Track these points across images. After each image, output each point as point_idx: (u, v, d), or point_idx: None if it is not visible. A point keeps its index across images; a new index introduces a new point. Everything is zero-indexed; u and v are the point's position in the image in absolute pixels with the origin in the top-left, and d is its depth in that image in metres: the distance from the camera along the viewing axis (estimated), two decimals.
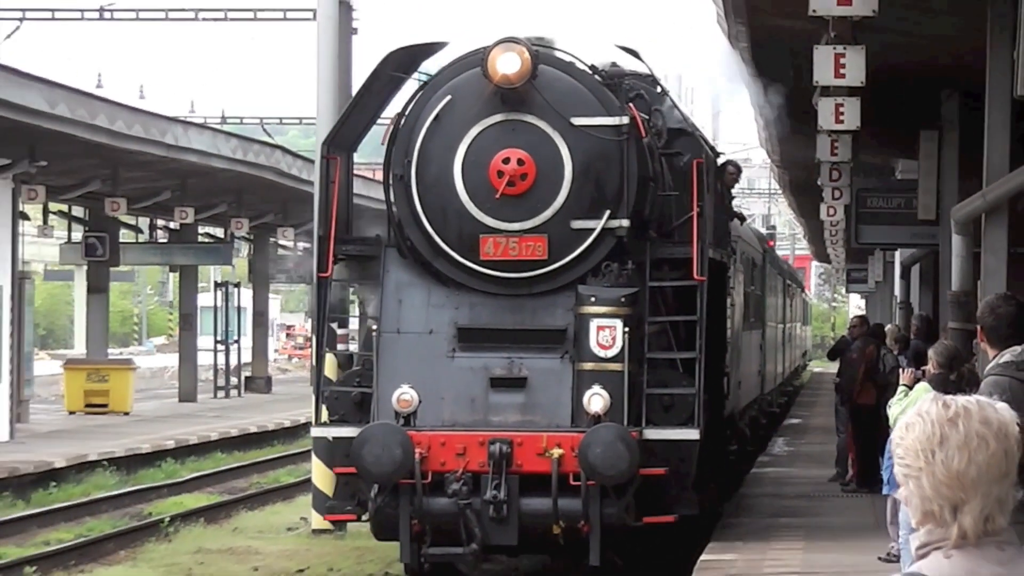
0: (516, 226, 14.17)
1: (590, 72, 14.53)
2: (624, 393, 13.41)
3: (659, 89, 15.76)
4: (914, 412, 2.94)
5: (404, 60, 14.83)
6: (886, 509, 12.89)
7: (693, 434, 13.73)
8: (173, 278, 61.63)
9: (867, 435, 18.81)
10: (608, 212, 14.19)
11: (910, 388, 10.00)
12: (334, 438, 14.13)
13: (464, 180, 14.16)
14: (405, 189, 14.34)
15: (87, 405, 35.60)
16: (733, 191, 19.94)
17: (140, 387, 29.30)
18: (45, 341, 71.33)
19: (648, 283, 14.28)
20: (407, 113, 14.43)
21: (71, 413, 36.10)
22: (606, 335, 13.75)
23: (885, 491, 12.72)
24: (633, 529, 13.46)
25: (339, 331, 18.33)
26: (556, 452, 13.09)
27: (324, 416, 14.39)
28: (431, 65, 15.24)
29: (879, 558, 13.31)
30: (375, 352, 14.11)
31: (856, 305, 50.83)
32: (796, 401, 43.02)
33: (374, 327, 14.29)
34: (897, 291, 35.45)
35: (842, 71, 12.38)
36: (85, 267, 41.01)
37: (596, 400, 13.21)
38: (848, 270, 50.66)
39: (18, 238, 28.73)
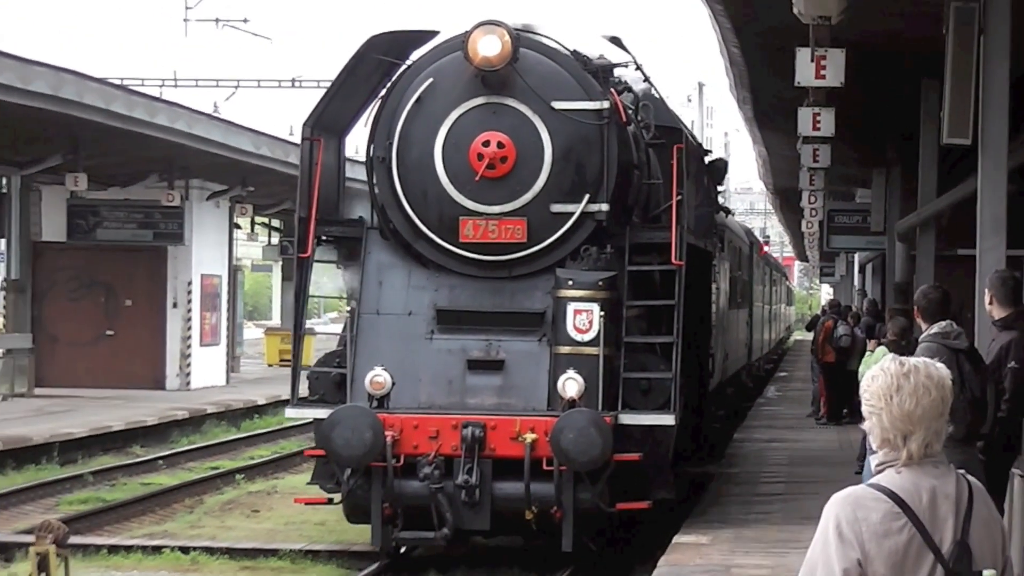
0: (496, 209, 14.05)
1: (572, 57, 14.37)
2: (599, 377, 13.24)
3: (643, 78, 15.69)
4: (878, 367, 4.09)
5: (393, 46, 14.67)
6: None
7: (669, 419, 13.56)
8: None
9: (832, 384, 26.40)
10: (588, 196, 14.05)
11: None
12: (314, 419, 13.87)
13: (445, 162, 14.03)
14: (386, 171, 14.19)
15: (281, 360, 44.75)
16: (720, 187, 20.81)
17: (317, 347, 35.16)
18: (252, 315, 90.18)
19: (627, 267, 14.16)
20: (389, 96, 14.31)
21: (269, 366, 47.43)
22: (583, 319, 13.62)
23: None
24: (607, 514, 13.27)
25: None
26: (529, 437, 12.90)
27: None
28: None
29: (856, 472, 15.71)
30: (351, 332, 13.95)
31: (826, 292, 66.71)
32: (783, 360, 54.41)
33: (347, 308, 14.19)
34: (856, 282, 48.59)
35: (823, 72, 13.14)
36: (280, 262, 52.54)
37: (571, 384, 13.02)
38: (821, 267, 65.30)
39: (233, 242, 40.89)
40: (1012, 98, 12.90)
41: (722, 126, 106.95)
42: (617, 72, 15.84)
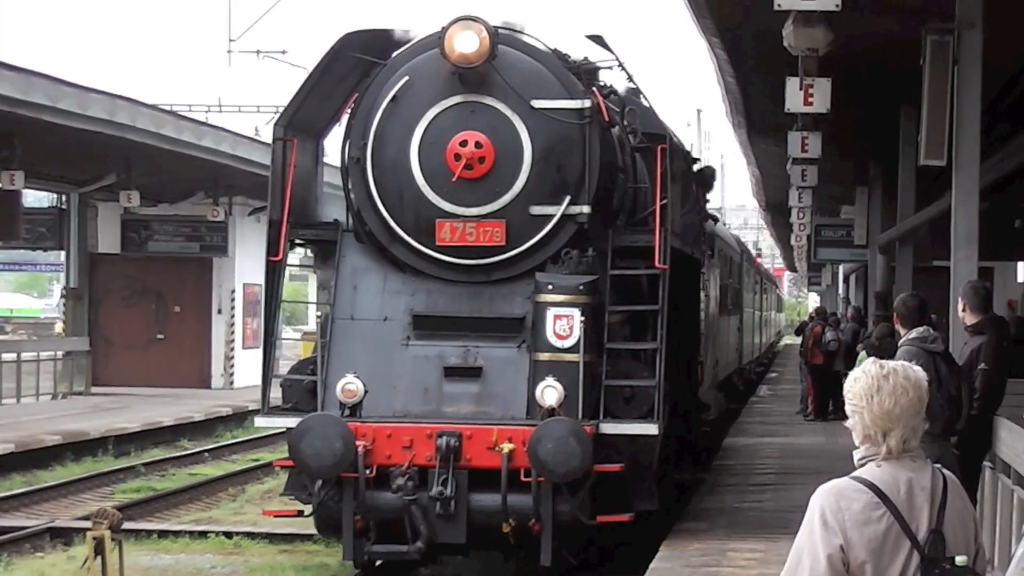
0: (474, 211, 12.06)
1: (553, 55, 12.31)
2: (579, 385, 11.22)
3: (627, 77, 13.26)
4: (859, 370, 4.12)
5: (372, 44, 12.45)
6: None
7: (651, 429, 11.53)
8: None
9: (820, 384, 25.81)
10: (569, 198, 12.08)
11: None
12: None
13: (421, 163, 12.09)
14: (361, 172, 12.27)
15: None
16: (708, 195, 18.66)
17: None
18: (289, 320, 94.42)
19: (610, 271, 12.06)
20: (365, 94, 12.09)
21: None
22: (563, 324, 11.57)
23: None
24: (588, 527, 11.28)
25: None
26: (506, 447, 10.95)
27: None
28: None
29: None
30: (322, 338, 11.96)
31: (814, 300, 64.41)
32: (774, 362, 52.94)
33: (318, 314, 11.92)
34: (840, 291, 47.52)
35: (810, 99, 11.92)
36: (315, 272, 52.01)
37: (549, 392, 11.06)
38: (809, 276, 64.05)
39: None
40: (983, 122, 13.05)
41: (719, 148, 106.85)
42: (605, 77, 13.93)
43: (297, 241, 12.89)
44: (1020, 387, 10.71)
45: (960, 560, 3.96)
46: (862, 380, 4.11)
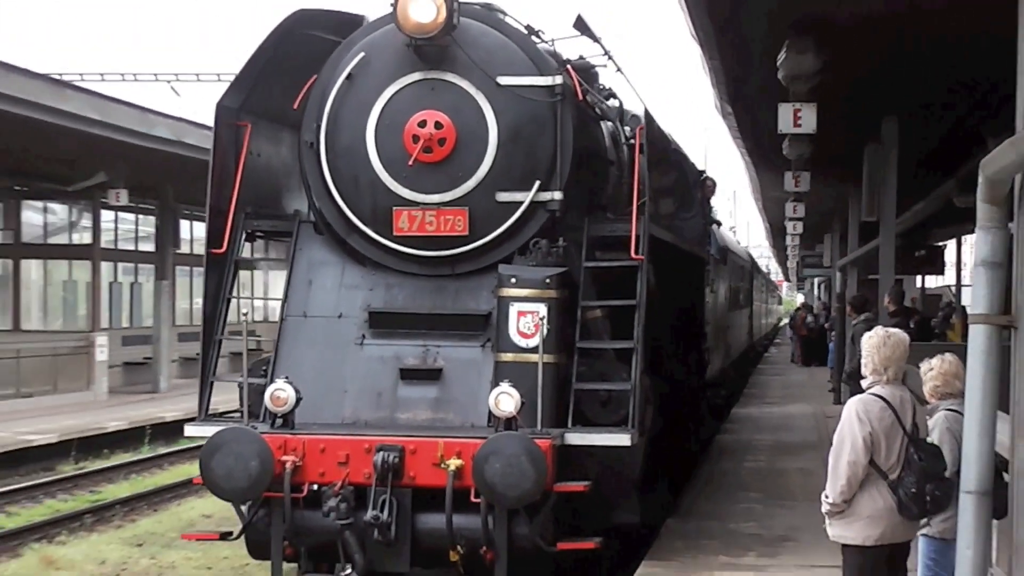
0: (435, 198, 10.06)
1: (522, 29, 10.49)
2: (538, 389, 9.19)
3: (615, 67, 11.78)
4: (873, 333, 7.18)
5: (329, 24, 11.00)
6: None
7: (624, 439, 9.38)
8: None
9: (803, 346, 41.38)
10: (539, 183, 10.05)
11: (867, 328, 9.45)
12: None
13: (378, 147, 10.03)
14: (316, 158, 10.23)
15: None
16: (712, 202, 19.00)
17: None
18: None
19: (584, 263, 10.18)
20: (320, 75, 10.66)
21: None
22: (527, 321, 9.61)
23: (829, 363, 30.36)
24: (548, 553, 9.16)
25: None
26: (453, 463, 8.81)
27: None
28: None
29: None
30: (276, 338, 10.43)
31: (800, 298, 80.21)
32: (777, 335, 67.06)
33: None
34: (815, 293, 66.32)
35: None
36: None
37: (505, 400, 8.93)
38: (797, 285, 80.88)
39: None
40: (898, 193, 18.30)
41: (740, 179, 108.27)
42: (607, 83, 12.23)
43: (258, 234, 10.98)
44: (919, 350, 10.90)
45: (929, 440, 7.16)
46: (874, 338, 7.16)
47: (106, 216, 31.38)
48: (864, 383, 7.11)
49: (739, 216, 64.70)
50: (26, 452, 20.92)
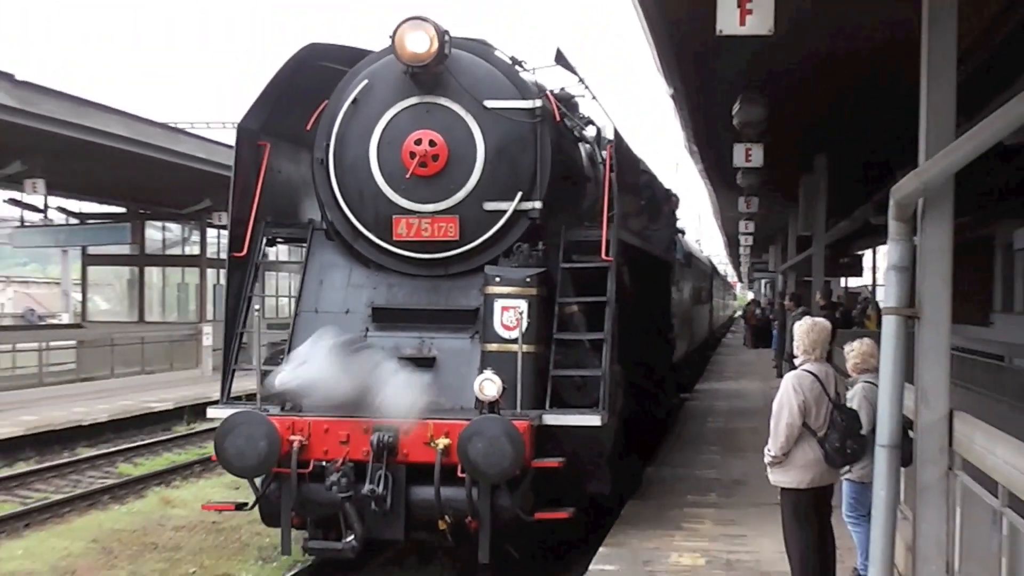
0: (429, 207, 9.25)
1: (505, 58, 9.54)
2: (517, 376, 8.32)
3: (590, 95, 10.66)
4: (802, 322, 7.14)
5: (336, 56, 9.92)
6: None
7: (594, 420, 8.58)
8: None
9: (753, 333, 39.21)
10: (521, 194, 9.19)
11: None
12: None
13: (379, 162, 9.27)
14: (325, 173, 9.48)
15: None
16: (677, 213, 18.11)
17: None
18: None
19: (561, 264, 9.24)
20: (330, 100, 9.61)
21: None
22: (510, 316, 8.76)
23: (773, 346, 27.05)
24: (528, 523, 8.36)
25: None
26: (442, 442, 8.06)
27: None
28: None
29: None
30: (291, 330, 9.42)
31: (751, 295, 76.94)
32: (732, 325, 62.48)
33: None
34: (762, 291, 60.70)
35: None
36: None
37: (488, 385, 8.18)
38: (748, 285, 76.07)
39: None
40: (827, 213, 19.86)
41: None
42: (586, 111, 11.41)
43: (279, 240, 10.35)
44: (843, 336, 12.31)
45: (848, 405, 7.26)
46: (804, 326, 7.24)
47: (211, 233, 31.21)
48: (796, 361, 7.19)
49: (703, 231, 66.91)
50: (149, 416, 21.05)
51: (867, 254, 34.86)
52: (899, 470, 6.87)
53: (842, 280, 36.34)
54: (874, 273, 34.43)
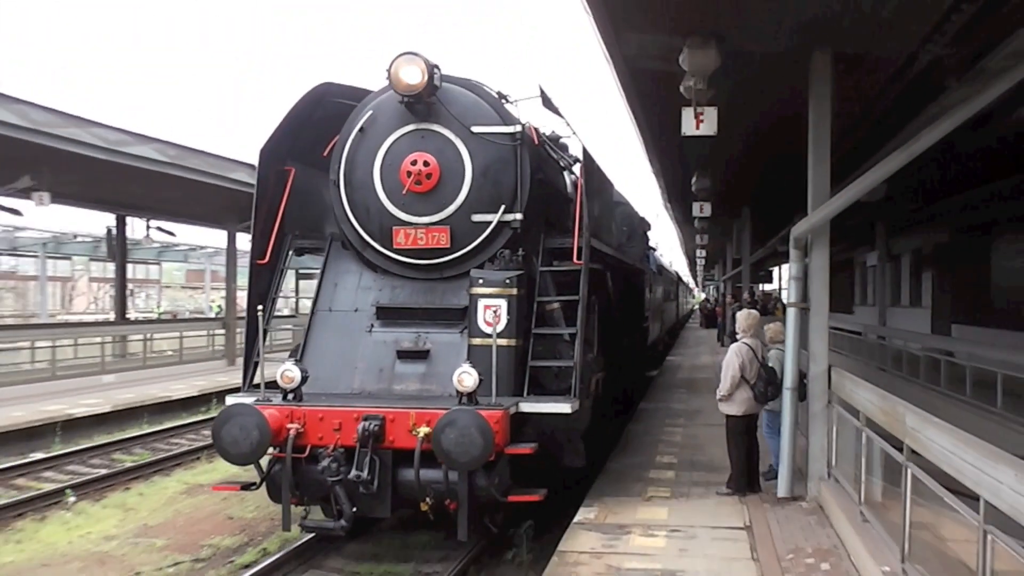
0: (425, 220, 10.63)
1: (489, 90, 10.89)
2: (493, 367, 9.52)
3: (571, 132, 12.05)
4: (741, 311, 11.38)
5: (348, 93, 11.24)
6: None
7: (565, 407, 9.68)
8: None
9: (707, 321, 49.80)
10: (504, 207, 10.54)
11: (738, 310, 15.44)
12: None
13: (382, 181, 10.68)
14: (338, 192, 10.91)
15: None
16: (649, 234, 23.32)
17: None
18: None
19: (540, 268, 10.58)
20: (342, 130, 11.03)
21: None
22: (491, 313, 10.10)
23: (718, 328, 37.00)
24: (504, 503, 9.47)
25: None
26: (423, 430, 9.03)
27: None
28: None
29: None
30: (307, 327, 10.83)
31: (703, 295, 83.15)
32: (692, 317, 71.04)
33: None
34: (712, 294, 70.67)
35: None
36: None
37: (466, 377, 9.25)
38: (702, 288, 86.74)
39: None
40: (751, 242, 26.90)
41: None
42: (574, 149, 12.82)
43: (306, 249, 11.54)
44: (763, 321, 13.75)
45: (769, 364, 10.94)
46: (743, 314, 11.03)
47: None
48: (737, 336, 11.23)
49: (673, 255, 78.85)
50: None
51: (776, 269, 53.28)
52: (798, 404, 10.80)
53: (762, 285, 51.70)
54: (780, 281, 52.12)
